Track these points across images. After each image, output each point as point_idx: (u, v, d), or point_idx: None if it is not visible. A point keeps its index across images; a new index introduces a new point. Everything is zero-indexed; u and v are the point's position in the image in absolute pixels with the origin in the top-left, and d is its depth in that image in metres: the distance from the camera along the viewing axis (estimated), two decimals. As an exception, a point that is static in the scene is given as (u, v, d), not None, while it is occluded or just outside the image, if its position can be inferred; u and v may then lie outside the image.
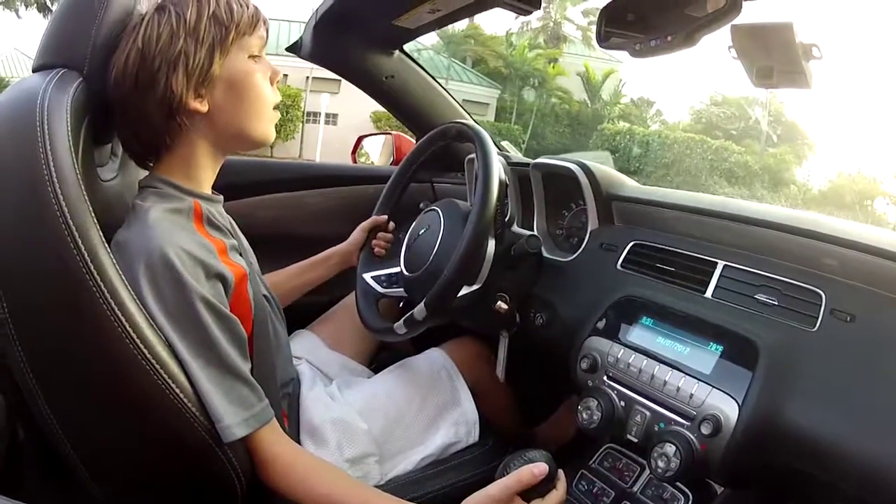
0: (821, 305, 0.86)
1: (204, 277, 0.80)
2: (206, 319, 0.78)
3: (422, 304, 1.07)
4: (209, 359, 0.78)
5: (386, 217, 1.40)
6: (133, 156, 0.92)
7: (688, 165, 17.96)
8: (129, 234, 0.81)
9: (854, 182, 20.44)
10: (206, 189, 0.93)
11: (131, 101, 0.83)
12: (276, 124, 0.97)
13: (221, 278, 0.83)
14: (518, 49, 21.49)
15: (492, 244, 1.12)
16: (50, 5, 19.17)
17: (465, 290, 1.09)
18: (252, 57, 0.90)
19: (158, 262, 0.76)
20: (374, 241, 1.39)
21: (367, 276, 1.34)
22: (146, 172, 0.92)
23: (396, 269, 1.29)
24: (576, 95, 22.60)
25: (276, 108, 0.94)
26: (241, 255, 0.94)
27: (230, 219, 1.01)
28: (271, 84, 0.93)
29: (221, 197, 0.97)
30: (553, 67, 22.26)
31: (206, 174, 0.92)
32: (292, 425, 1.06)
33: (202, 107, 0.86)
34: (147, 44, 0.81)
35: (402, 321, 1.10)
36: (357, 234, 1.39)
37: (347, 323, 1.35)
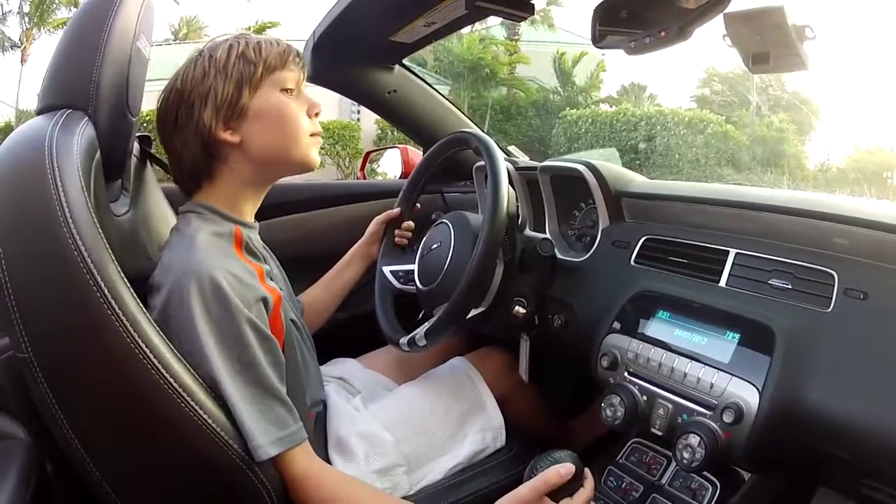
0: (834, 286, 0.86)
1: (251, 300, 0.84)
2: (251, 340, 0.82)
3: (422, 332, 1.09)
4: (249, 378, 0.81)
5: (399, 210, 1.40)
6: (181, 187, 0.98)
7: (657, 144, 15.17)
8: (177, 256, 0.85)
9: (873, 155, 19.81)
10: (248, 217, 0.99)
11: (174, 136, 0.92)
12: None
13: (264, 301, 0.87)
14: (467, 42, 18.74)
15: (500, 269, 1.13)
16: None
17: (472, 313, 1.11)
18: (286, 90, 0.95)
19: (208, 284, 0.80)
20: (396, 231, 1.40)
21: (386, 270, 1.36)
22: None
23: (413, 267, 1.30)
24: (550, 83, 19.80)
25: (314, 135, 0.99)
26: (271, 279, 0.97)
27: (263, 244, 1.04)
28: (309, 116, 0.98)
29: (258, 224, 1.01)
30: (510, 55, 19.71)
31: (247, 204, 0.99)
32: (319, 441, 1.07)
33: (233, 138, 0.92)
34: (184, 82, 0.91)
35: (412, 338, 1.12)
36: (373, 227, 1.40)
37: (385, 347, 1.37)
